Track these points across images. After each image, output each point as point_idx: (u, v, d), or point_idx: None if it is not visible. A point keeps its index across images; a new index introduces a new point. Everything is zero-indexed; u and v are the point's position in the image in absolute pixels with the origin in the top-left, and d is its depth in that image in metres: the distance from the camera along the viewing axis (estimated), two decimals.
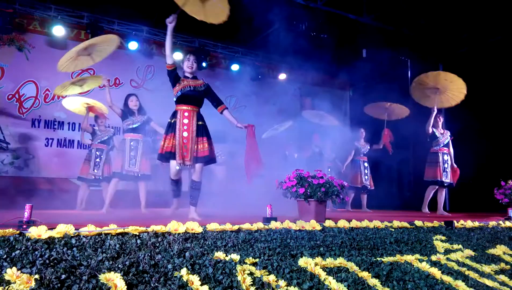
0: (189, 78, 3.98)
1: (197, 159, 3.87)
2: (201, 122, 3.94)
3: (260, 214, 3.31)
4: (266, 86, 9.99)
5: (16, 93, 7.32)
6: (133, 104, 5.32)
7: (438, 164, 6.17)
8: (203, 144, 3.87)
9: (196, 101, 3.96)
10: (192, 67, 3.98)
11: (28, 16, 7.44)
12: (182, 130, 3.82)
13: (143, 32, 8.30)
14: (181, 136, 3.81)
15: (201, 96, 4.01)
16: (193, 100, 3.92)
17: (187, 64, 3.98)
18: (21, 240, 1.95)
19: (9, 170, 7.09)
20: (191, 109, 3.91)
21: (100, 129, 6.15)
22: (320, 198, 3.60)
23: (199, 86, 3.99)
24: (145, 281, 1.64)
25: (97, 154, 5.99)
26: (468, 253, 2.80)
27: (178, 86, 3.88)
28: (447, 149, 6.28)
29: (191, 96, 3.90)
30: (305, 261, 2.07)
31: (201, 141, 3.87)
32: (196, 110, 3.96)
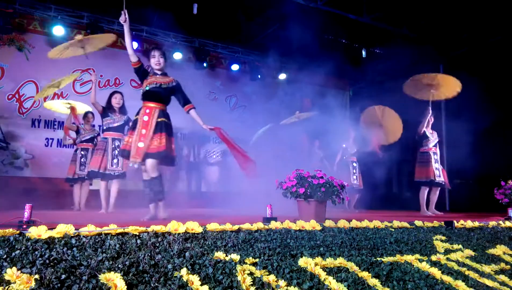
0: (157, 75, 3.82)
1: (148, 155, 3.60)
2: (162, 119, 3.70)
3: (260, 214, 3.31)
4: (266, 86, 9.99)
5: (16, 93, 7.32)
6: (116, 102, 5.24)
7: (430, 164, 6.18)
8: (160, 140, 3.62)
9: (161, 99, 3.78)
10: (159, 63, 3.81)
11: (28, 16, 7.45)
12: (141, 127, 3.64)
13: (143, 32, 8.31)
14: (139, 133, 3.62)
15: (167, 94, 3.82)
16: (158, 97, 3.75)
17: (153, 61, 3.82)
18: (21, 240, 1.95)
19: (9, 170, 7.09)
20: (154, 106, 3.71)
21: (85, 128, 6.10)
22: (320, 198, 3.60)
23: (167, 84, 3.82)
24: (145, 281, 1.64)
25: (82, 153, 5.94)
26: (468, 253, 2.79)
27: (145, 83, 3.76)
28: (436, 148, 6.31)
29: (156, 93, 3.74)
30: (305, 261, 2.07)
31: (157, 137, 3.63)
32: (160, 107, 3.74)
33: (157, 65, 3.82)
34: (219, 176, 9.32)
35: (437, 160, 6.26)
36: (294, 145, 8.48)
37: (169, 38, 8.62)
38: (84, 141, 6.01)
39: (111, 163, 5.18)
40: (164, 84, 3.79)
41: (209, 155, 9.23)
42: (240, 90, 9.71)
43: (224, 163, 9.39)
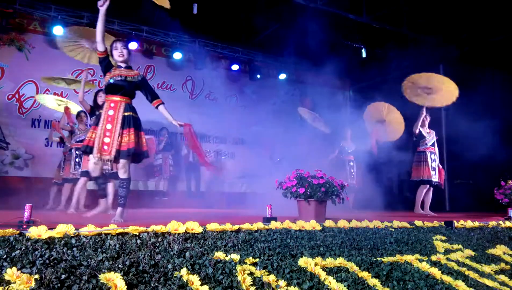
0: (121, 68, 3.62)
1: (120, 153, 3.44)
2: (129, 113, 3.53)
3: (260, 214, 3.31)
4: (266, 86, 10.00)
5: (16, 93, 7.32)
6: (102, 100, 5.10)
7: (427, 163, 6.17)
8: (129, 136, 3.46)
9: (126, 92, 3.57)
10: (123, 55, 3.60)
11: (28, 16, 7.44)
12: (106, 122, 3.44)
13: (143, 32, 8.31)
14: (104, 128, 3.43)
15: (133, 88, 3.62)
16: (122, 91, 3.54)
17: (116, 53, 3.61)
18: (21, 240, 1.95)
19: (9, 170, 7.09)
20: (120, 100, 3.52)
21: (79, 128, 6.07)
22: (320, 198, 3.60)
23: (132, 77, 3.60)
24: (145, 281, 1.64)
25: (77, 153, 5.91)
26: (468, 253, 2.80)
27: (108, 75, 3.54)
28: (433, 148, 6.30)
29: (121, 86, 3.53)
30: (305, 261, 2.07)
31: (126, 133, 3.46)
32: (125, 100, 3.56)
33: (121, 57, 3.61)
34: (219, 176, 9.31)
35: (435, 160, 6.26)
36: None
37: (169, 38, 8.62)
38: (79, 141, 5.98)
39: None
40: (129, 77, 3.58)
41: (209, 155, 9.23)
42: (240, 90, 9.70)
43: (224, 163, 9.40)
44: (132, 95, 3.64)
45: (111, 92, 3.54)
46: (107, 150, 3.40)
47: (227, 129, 9.38)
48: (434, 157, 6.26)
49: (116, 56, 3.61)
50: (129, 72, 3.62)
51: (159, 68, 8.73)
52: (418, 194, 6.21)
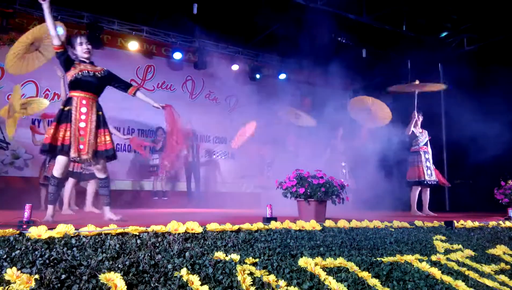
0: (86, 63, 3.48)
1: (98, 153, 3.38)
2: (100, 112, 3.47)
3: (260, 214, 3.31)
4: (266, 86, 9.99)
5: None
6: None
7: (421, 163, 6.18)
8: (105, 137, 3.42)
9: (95, 89, 3.47)
10: (88, 52, 3.48)
11: (28, 16, 7.43)
12: (79, 120, 3.32)
13: (143, 32, 8.30)
14: (77, 127, 3.31)
15: (101, 84, 3.51)
16: (91, 87, 3.43)
17: (81, 49, 3.46)
18: (21, 240, 1.95)
19: (9, 170, 7.08)
20: (90, 97, 3.41)
21: None
22: (320, 198, 3.60)
23: (99, 72, 3.50)
24: (145, 281, 1.64)
25: None
26: (468, 253, 2.80)
27: (73, 70, 3.38)
28: (426, 147, 6.31)
29: (90, 82, 3.41)
30: (305, 261, 2.07)
31: (102, 134, 3.42)
32: (95, 98, 3.47)
33: (86, 53, 3.47)
34: (219, 176, 9.32)
35: (429, 159, 6.26)
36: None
37: (169, 38, 8.62)
38: None
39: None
40: (97, 72, 3.48)
41: (209, 155, 9.23)
42: (240, 90, 9.70)
43: (224, 163, 9.40)
44: (100, 91, 3.53)
45: (79, 88, 3.40)
46: (83, 150, 3.31)
47: (227, 129, 9.38)
48: (428, 157, 6.27)
49: (81, 52, 3.47)
50: (94, 67, 3.51)
51: (159, 68, 8.73)
52: (412, 196, 6.22)
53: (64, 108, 3.37)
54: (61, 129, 3.29)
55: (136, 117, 8.11)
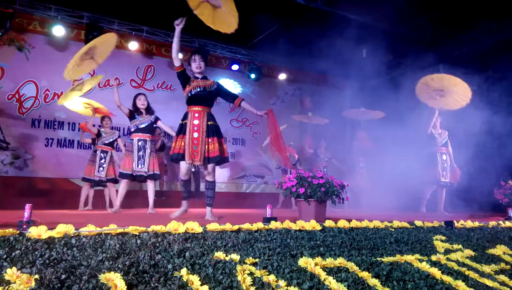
0: (198, 79, 3.98)
1: (208, 159, 3.84)
2: (211, 122, 3.91)
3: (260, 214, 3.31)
4: (266, 86, 10.00)
5: (16, 93, 7.32)
6: (141, 103, 5.30)
7: (437, 164, 6.17)
8: (214, 144, 3.85)
9: (207, 101, 3.95)
10: (200, 67, 3.96)
11: (28, 16, 7.44)
12: (193, 131, 3.82)
13: (143, 32, 8.31)
14: (191, 137, 3.81)
15: (211, 96, 3.99)
16: (203, 101, 3.91)
17: (194, 65, 3.97)
18: (21, 240, 1.95)
19: (9, 170, 7.09)
20: (202, 109, 3.89)
21: (105, 131, 6.14)
22: (320, 198, 3.60)
23: (209, 86, 3.96)
24: (145, 281, 1.64)
25: (102, 155, 6.00)
26: (468, 253, 2.79)
27: (188, 87, 3.89)
28: (445, 148, 6.28)
29: (202, 96, 3.90)
30: (305, 261, 2.07)
31: (211, 142, 3.85)
32: (207, 110, 3.94)
33: (198, 69, 3.94)
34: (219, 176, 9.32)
35: (446, 161, 6.23)
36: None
37: (169, 38, 8.61)
38: (105, 144, 6.05)
39: (137, 164, 5.25)
40: (207, 87, 3.93)
41: None
42: (240, 90, 9.71)
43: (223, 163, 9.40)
44: (211, 103, 4.00)
45: (193, 103, 3.89)
46: (197, 157, 3.78)
47: (227, 129, 9.38)
48: (445, 158, 6.24)
49: (194, 68, 3.96)
50: (206, 82, 3.96)
51: (159, 68, 8.73)
52: (424, 194, 6.22)
53: (182, 122, 3.92)
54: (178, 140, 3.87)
55: None
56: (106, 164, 5.99)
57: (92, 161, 6.09)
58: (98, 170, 5.98)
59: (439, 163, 6.17)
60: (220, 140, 3.91)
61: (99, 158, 6.00)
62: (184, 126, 3.88)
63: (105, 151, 6.05)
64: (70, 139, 7.61)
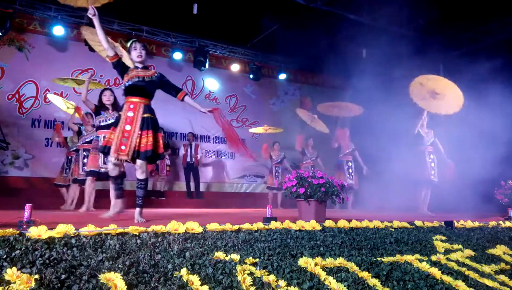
0: (138, 68, 3.63)
1: (138, 154, 3.50)
2: (148, 115, 3.57)
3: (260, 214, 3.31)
4: (266, 86, 10.00)
5: (16, 93, 7.32)
6: (106, 99, 5.04)
7: (426, 163, 6.17)
8: (147, 138, 3.52)
9: (145, 93, 3.60)
10: (141, 56, 3.61)
11: (28, 16, 7.44)
12: (125, 123, 3.49)
13: (143, 32, 8.31)
14: (123, 129, 3.48)
15: (151, 87, 3.64)
16: (141, 92, 3.58)
17: (135, 54, 3.61)
18: (21, 240, 1.95)
19: (9, 170, 7.09)
20: (139, 101, 3.55)
21: (86, 129, 6.08)
22: (320, 198, 3.60)
23: (150, 77, 3.62)
24: (145, 281, 1.64)
25: (85, 154, 5.93)
26: (468, 253, 2.79)
27: (126, 77, 3.57)
28: (432, 148, 6.30)
29: (140, 87, 3.56)
30: (305, 261, 2.07)
31: (145, 135, 3.52)
32: (144, 102, 3.59)
33: (139, 58, 3.62)
34: (218, 176, 9.32)
35: (433, 160, 6.25)
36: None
37: (169, 38, 8.62)
38: (86, 143, 6.02)
39: (103, 161, 5.08)
40: (146, 77, 3.61)
41: (208, 155, 9.23)
42: (240, 90, 9.71)
43: (224, 163, 9.40)
44: (150, 95, 3.66)
45: (130, 93, 3.57)
46: (124, 151, 3.45)
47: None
48: (433, 157, 6.26)
49: (135, 56, 3.62)
50: (146, 72, 3.64)
51: (159, 68, 8.71)
52: (419, 194, 6.21)
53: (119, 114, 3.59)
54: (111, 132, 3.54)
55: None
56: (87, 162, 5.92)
57: (77, 161, 6.01)
58: (82, 168, 5.91)
59: (427, 162, 6.18)
60: (155, 135, 3.58)
61: (82, 157, 5.92)
62: (118, 118, 3.56)
63: (87, 149, 5.95)
64: None
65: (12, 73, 7.30)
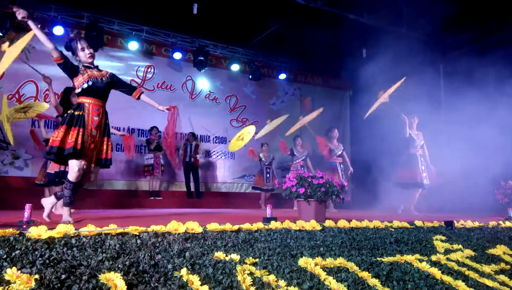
0: (92, 68, 3.40)
1: (99, 161, 3.37)
2: (107, 121, 3.44)
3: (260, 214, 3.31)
4: (266, 86, 10.00)
5: (16, 93, 7.32)
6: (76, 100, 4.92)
7: (417, 166, 6.20)
8: (108, 145, 3.40)
9: (104, 95, 3.41)
10: (92, 56, 3.39)
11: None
12: (92, 127, 3.27)
13: (143, 32, 8.31)
14: (90, 133, 3.27)
15: (107, 89, 3.45)
16: (100, 93, 3.36)
17: (84, 54, 3.37)
18: (21, 240, 1.95)
19: (9, 170, 7.08)
20: (100, 104, 3.36)
21: None
22: (320, 198, 3.60)
23: (106, 77, 3.43)
24: (145, 281, 1.64)
25: None
26: (468, 253, 2.79)
27: (82, 77, 3.29)
28: (422, 150, 6.33)
29: (99, 88, 3.34)
30: (305, 261, 2.07)
31: (105, 142, 3.39)
32: (103, 105, 3.42)
33: (90, 58, 3.38)
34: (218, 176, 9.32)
35: (423, 162, 6.29)
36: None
37: (169, 38, 8.62)
38: None
39: None
40: (104, 78, 3.40)
41: (208, 155, 9.23)
42: (240, 90, 9.71)
43: (223, 163, 9.40)
44: (107, 97, 3.48)
45: (90, 94, 3.32)
46: (92, 157, 3.31)
47: (227, 129, 9.39)
48: (422, 160, 6.30)
49: (85, 57, 3.38)
50: (100, 72, 3.44)
51: (159, 68, 8.74)
52: (412, 197, 6.24)
53: (74, 112, 3.27)
54: (73, 133, 3.20)
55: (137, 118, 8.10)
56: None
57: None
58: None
59: (419, 165, 6.21)
60: (111, 141, 3.46)
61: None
62: (80, 118, 3.24)
63: None
64: None
65: (12, 73, 7.29)
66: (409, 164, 6.28)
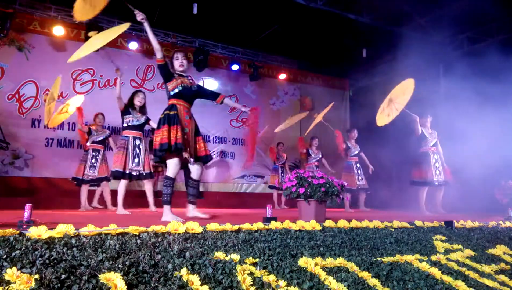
0: (183, 77, 3.87)
1: (199, 158, 3.82)
2: (195, 122, 3.91)
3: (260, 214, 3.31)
4: (266, 86, 10.00)
5: (16, 93, 7.32)
6: (139, 100, 5.26)
7: (430, 164, 6.17)
8: (200, 144, 3.85)
9: (191, 100, 3.89)
10: (183, 65, 3.86)
11: (28, 16, 7.44)
12: (184, 125, 3.71)
13: (143, 32, 8.31)
14: (183, 131, 3.69)
15: (195, 96, 3.93)
16: (190, 99, 3.86)
17: (177, 63, 3.85)
18: (21, 240, 1.95)
19: (9, 170, 7.08)
20: (188, 107, 3.84)
21: (96, 129, 6.12)
22: (320, 198, 3.60)
23: (193, 86, 3.92)
24: (145, 281, 1.64)
25: (93, 154, 5.98)
26: (468, 253, 2.79)
27: (175, 81, 3.76)
28: (435, 148, 6.30)
29: (189, 94, 3.83)
30: (305, 261, 2.07)
31: (199, 141, 3.85)
32: (190, 108, 3.90)
33: (181, 67, 3.85)
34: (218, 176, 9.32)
35: (437, 160, 6.25)
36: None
37: (169, 38, 8.62)
38: (96, 143, 6.04)
39: (132, 161, 5.18)
40: (193, 86, 3.88)
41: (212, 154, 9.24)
42: (240, 90, 9.71)
43: (223, 163, 9.39)
44: (193, 103, 3.94)
45: (181, 98, 3.76)
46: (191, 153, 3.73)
47: (227, 129, 9.38)
48: (437, 158, 6.25)
49: (177, 65, 3.84)
50: (190, 82, 3.89)
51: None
52: (420, 196, 6.21)
53: (169, 112, 3.66)
54: (173, 130, 3.57)
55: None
56: (98, 163, 5.97)
57: (84, 160, 6.06)
58: (89, 169, 5.95)
59: (432, 163, 6.18)
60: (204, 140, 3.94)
61: (91, 157, 5.98)
62: (175, 117, 3.63)
63: (96, 149, 6.03)
64: (70, 139, 7.61)
65: (12, 73, 7.30)
66: (421, 162, 6.26)
